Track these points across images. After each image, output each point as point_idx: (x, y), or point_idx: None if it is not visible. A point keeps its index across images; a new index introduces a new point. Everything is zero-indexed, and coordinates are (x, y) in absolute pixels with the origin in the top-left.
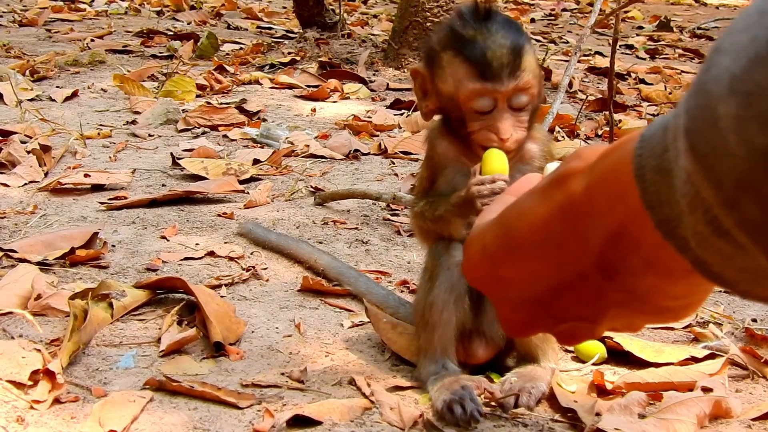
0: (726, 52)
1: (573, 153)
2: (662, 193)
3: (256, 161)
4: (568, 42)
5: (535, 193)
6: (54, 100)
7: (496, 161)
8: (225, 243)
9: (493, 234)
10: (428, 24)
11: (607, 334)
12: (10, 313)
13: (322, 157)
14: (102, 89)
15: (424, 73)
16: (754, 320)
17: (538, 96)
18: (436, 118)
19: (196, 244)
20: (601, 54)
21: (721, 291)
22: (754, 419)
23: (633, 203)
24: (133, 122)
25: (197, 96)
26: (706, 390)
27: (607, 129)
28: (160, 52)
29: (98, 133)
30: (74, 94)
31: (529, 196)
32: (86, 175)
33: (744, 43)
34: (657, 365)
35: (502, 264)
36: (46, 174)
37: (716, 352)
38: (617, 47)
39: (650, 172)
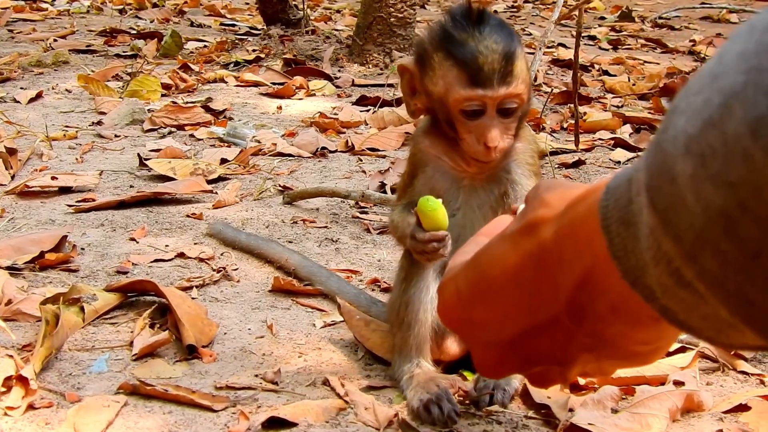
0: (682, 112)
1: (539, 197)
2: (628, 244)
3: (223, 161)
4: (531, 34)
5: (506, 238)
6: (18, 102)
7: (430, 216)
8: (195, 244)
9: (465, 278)
10: (392, 20)
11: None
12: None
13: (290, 155)
14: (66, 90)
15: (413, 71)
16: None
17: (527, 101)
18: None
19: (166, 245)
20: (564, 46)
21: None
22: (725, 412)
23: (600, 252)
24: (99, 123)
25: (162, 95)
26: (678, 384)
27: (572, 122)
28: (124, 52)
29: (64, 135)
30: (39, 96)
31: (501, 241)
32: (53, 178)
33: (698, 105)
34: None
35: (476, 307)
36: (12, 177)
37: (687, 345)
38: (582, 38)
39: (615, 224)
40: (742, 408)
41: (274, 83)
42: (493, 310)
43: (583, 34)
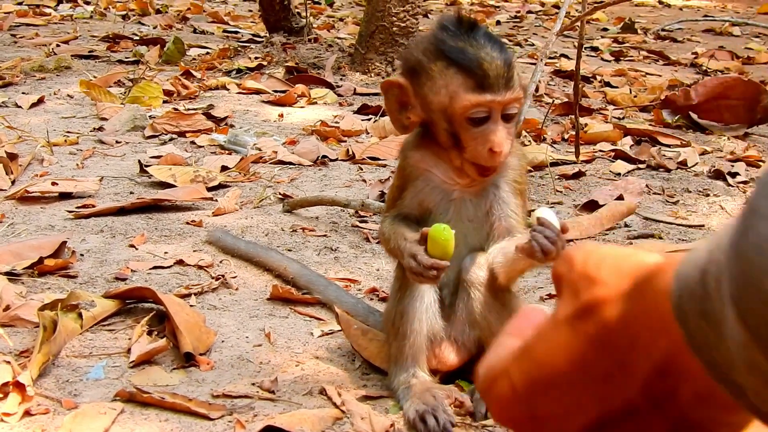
0: (764, 217)
1: (586, 274)
2: (711, 340)
3: (224, 168)
4: (533, 45)
5: (561, 323)
6: (20, 107)
7: (442, 245)
8: (194, 251)
9: (520, 371)
10: (395, 29)
11: None
12: None
13: (290, 163)
14: (68, 95)
15: (404, 85)
16: None
17: (522, 107)
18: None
19: (165, 252)
20: (566, 57)
21: None
22: None
23: (678, 339)
24: (100, 129)
25: (164, 102)
26: None
27: (573, 133)
28: (126, 57)
29: (65, 140)
30: (40, 101)
31: (555, 327)
32: (54, 183)
33: None
34: None
35: (538, 400)
36: (13, 182)
37: None
38: (584, 49)
39: (694, 318)
40: None
41: (275, 91)
42: (558, 402)
43: (585, 46)
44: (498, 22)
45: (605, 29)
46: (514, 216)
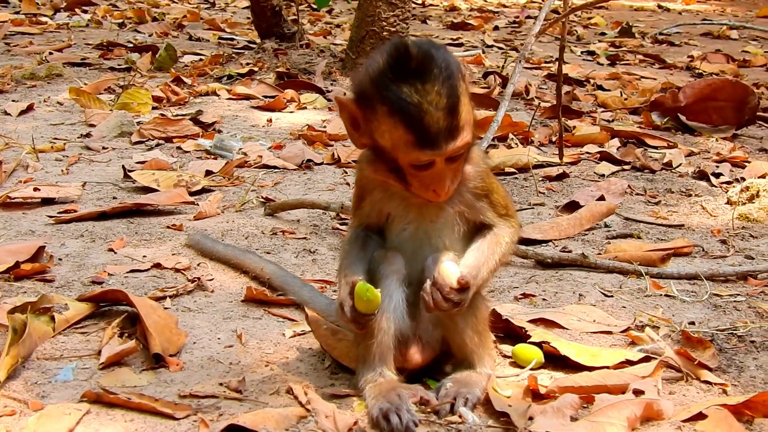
0: None
1: None
2: None
3: (208, 172)
4: (530, 50)
5: None
6: (9, 114)
7: (365, 303)
8: (172, 254)
9: None
10: (385, 33)
11: (543, 338)
12: None
13: (275, 167)
14: (58, 102)
15: (354, 111)
16: (692, 323)
17: (472, 137)
18: None
19: (144, 256)
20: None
21: (661, 294)
22: (684, 420)
23: None
24: (88, 135)
25: (154, 108)
26: (638, 393)
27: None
28: (119, 65)
29: (51, 147)
30: (30, 108)
31: None
32: (36, 189)
33: None
34: (592, 369)
35: None
36: None
37: (651, 355)
38: (581, 53)
39: None
40: (701, 417)
41: (265, 96)
42: None
43: (582, 50)
44: (496, 28)
45: (603, 33)
46: (483, 215)
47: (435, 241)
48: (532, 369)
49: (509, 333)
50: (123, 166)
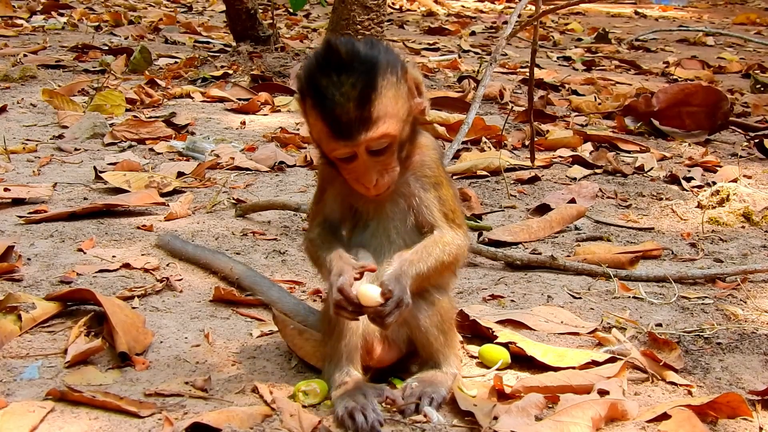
0: None
1: None
2: None
3: (180, 174)
4: (506, 54)
5: None
6: None
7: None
8: (142, 255)
9: None
10: (359, 37)
11: (510, 339)
12: None
13: (247, 169)
14: (31, 104)
15: (299, 106)
16: (659, 324)
17: (404, 132)
18: None
19: (113, 256)
20: (538, 66)
21: (629, 296)
22: (648, 421)
23: None
24: (60, 136)
25: (127, 110)
26: (603, 393)
27: (535, 139)
28: (93, 67)
29: (23, 148)
30: (3, 109)
31: None
32: (6, 189)
33: None
34: (558, 369)
35: None
36: None
37: (617, 356)
38: (557, 59)
39: None
40: (665, 417)
41: (239, 99)
42: None
43: (558, 55)
44: (473, 33)
45: (579, 39)
46: (429, 210)
47: (395, 238)
48: (498, 369)
49: (477, 333)
50: (94, 167)
